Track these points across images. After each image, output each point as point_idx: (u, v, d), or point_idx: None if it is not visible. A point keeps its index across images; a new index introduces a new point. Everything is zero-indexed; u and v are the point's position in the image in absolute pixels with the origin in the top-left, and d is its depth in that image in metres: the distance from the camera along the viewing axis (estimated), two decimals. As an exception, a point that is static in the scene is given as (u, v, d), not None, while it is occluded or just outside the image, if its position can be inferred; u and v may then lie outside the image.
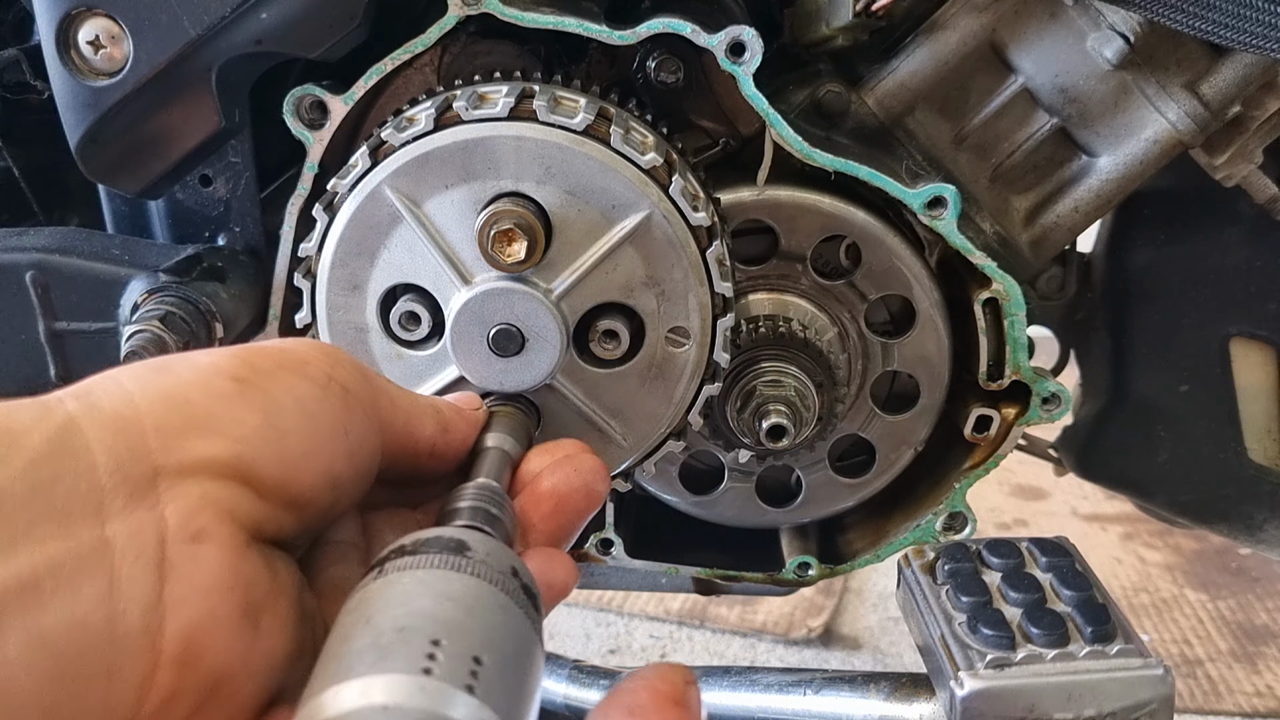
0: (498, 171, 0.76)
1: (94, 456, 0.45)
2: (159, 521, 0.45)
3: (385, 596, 0.47)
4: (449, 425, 0.63)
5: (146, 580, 0.44)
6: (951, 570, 0.82)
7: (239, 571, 0.47)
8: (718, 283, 0.80)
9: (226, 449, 0.48)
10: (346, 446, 0.54)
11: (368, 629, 0.45)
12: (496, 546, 0.53)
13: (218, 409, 0.49)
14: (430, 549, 0.50)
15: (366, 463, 0.56)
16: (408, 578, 0.48)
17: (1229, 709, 1.70)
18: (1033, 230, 0.97)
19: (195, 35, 0.82)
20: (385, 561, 0.50)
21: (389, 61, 0.85)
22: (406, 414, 0.60)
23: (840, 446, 1.01)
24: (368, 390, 0.57)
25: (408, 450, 0.60)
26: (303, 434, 0.51)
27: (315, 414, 0.52)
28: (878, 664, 1.86)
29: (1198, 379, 1.10)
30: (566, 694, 1.17)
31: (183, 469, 0.47)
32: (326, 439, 0.53)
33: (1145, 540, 2.19)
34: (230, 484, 0.48)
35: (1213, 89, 0.90)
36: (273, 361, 0.53)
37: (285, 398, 0.52)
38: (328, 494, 0.53)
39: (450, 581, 0.48)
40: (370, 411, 0.56)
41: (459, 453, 0.65)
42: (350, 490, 0.55)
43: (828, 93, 0.92)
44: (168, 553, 0.45)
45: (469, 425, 0.66)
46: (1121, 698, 0.74)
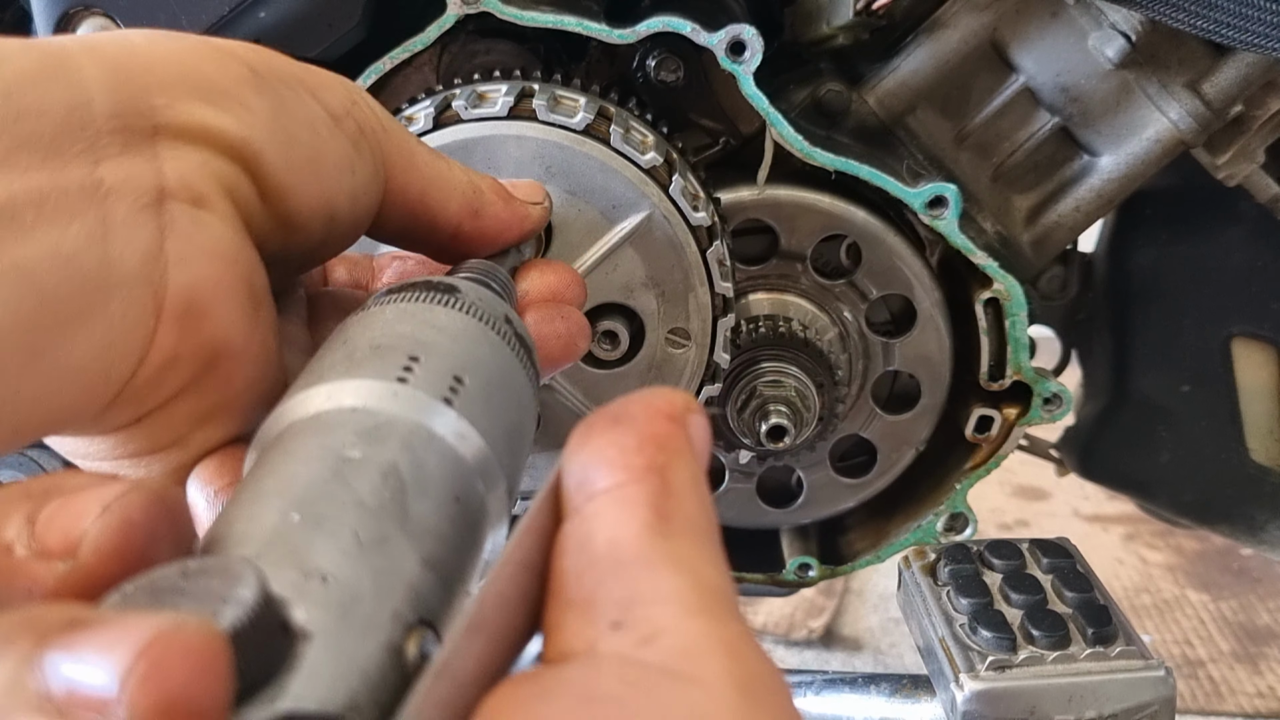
0: (497, 171, 0.76)
1: (90, 94, 0.40)
2: (158, 175, 0.41)
3: (365, 322, 0.44)
4: (484, 210, 0.55)
5: (146, 228, 0.40)
6: (952, 571, 0.82)
7: (240, 247, 0.43)
8: (718, 283, 0.79)
9: (234, 127, 0.43)
10: (350, 185, 0.49)
11: (343, 348, 0.42)
12: (490, 297, 0.48)
13: (229, 86, 0.44)
14: (418, 289, 0.46)
15: (365, 212, 0.51)
16: (390, 308, 0.45)
17: (1230, 710, 1.70)
18: (1034, 230, 0.97)
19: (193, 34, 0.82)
20: (370, 302, 0.47)
21: (387, 60, 0.84)
22: (426, 182, 0.53)
23: (841, 447, 1.01)
24: (384, 140, 0.51)
25: (422, 222, 0.54)
26: (309, 149, 0.47)
27: (324, 140, 0.47)
28: (879, 665, 1.86)
29: (1199, 379, 1.10)
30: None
31: (185, 132, 0.42)
32: (331, 167, 0.48)
33: (1147, 541, 2.18)
34: (233, 165, 0.43)
35: (1214, 88, 0.90)
36: (293, 71, 0.48)
37: (298, 108, 0.47)
38: (320, 226, 0.48)
39: (436, 313, 0.44)
40: (379, 161, 0.51)
41: (494, 240, 0.56)
42: (341, 235, 0.50)
43: (828, 92, 0.92)
44: (168, 208, 0.41)
45: (513, 215, 0.57)
46: (1123, 699, 0.73)
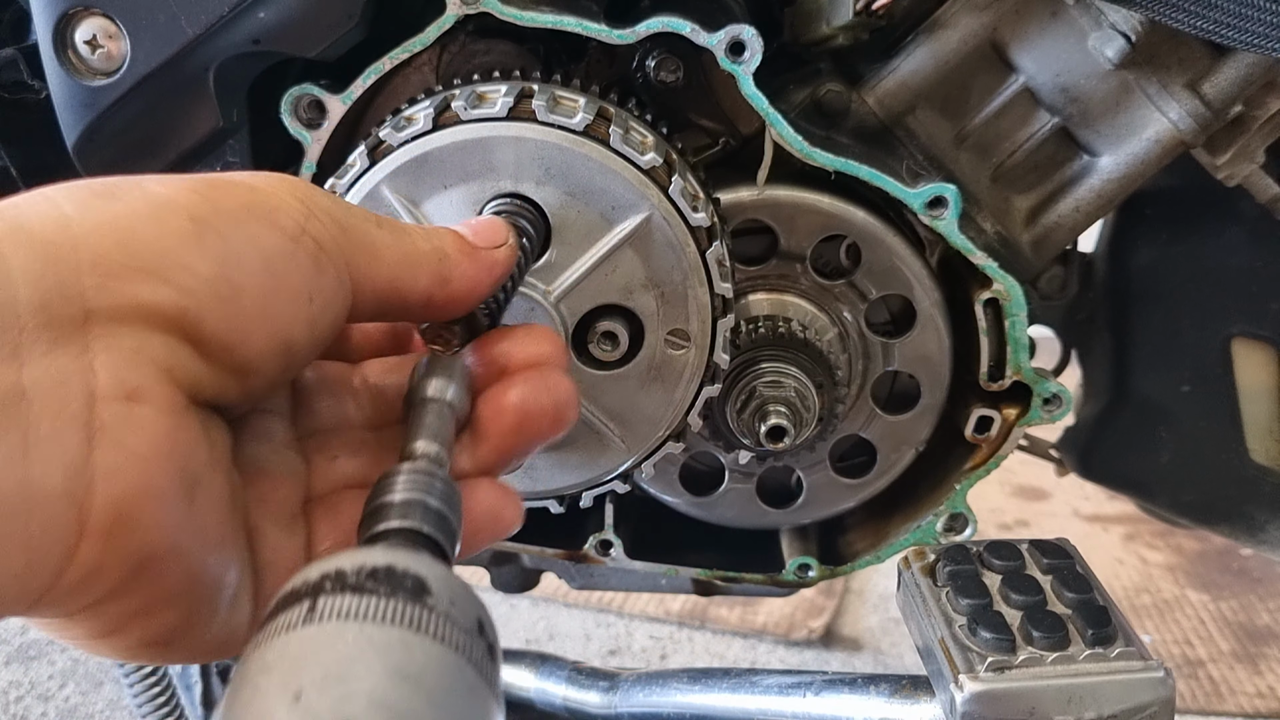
0: (496, 172, 0.76)
1: (14, 288, 0.39)
2: (87, 373, 0.39)
3: (321, 660, 0.36)
4: (451, 275, 0.55)
5: (71, 440, 0.39)
6: (952, 572, 0.82)
7: (176, 438, 0.42)
8: (717, 284, 0.79)
9: (172, 299, 0.42)
10: (308, 313, 0.47)
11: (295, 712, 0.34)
12: (459, 587, 0.41)
13: (169, 249, 0.43)
14: (380, 587, 0.39)
15: (327, 329, 0.49)
16: (351, 632, 0.37)
17: (1230, 710, 1.70)
18: (1034, 230, 0.97)
19: (193, 35, 0.82)
20: (318, 593, 0.38)
21: (387, 61, 0.84)
22: (391, 269, 0.52)
23: (841, 447, 1.01)
24: (345, 245, 0.50)
25: (393, 304, 0.53)
26: (261, 293, 0.45)
27: (278, 272, 0.46)
28: (878, 665, 1.86)
29: (1199, 379, 1.10)
30: (566, 695, 1.16)
31: (119, 314, 0.41)
32: (287, 302, 0.46)
33: (1147, 541, 2.18)
34: (171, 339, 0.42)
35: (1214, 88, 0.90)
36: (239, 203, 0.47)
37: (247, 249, 0.45)
38: (278, 362, 0.47)
39: (408, 649, 0.37)
40: (343, 272, 0.49)
41: (466, 299, 0.56)
42: (303, 359, 0.49)
43: (828, 92, 0.92)
44: (98, 411, 0.39)
45: (480, 269, 0.57)
46: (1122, 700, 0.73)
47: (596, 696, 1.12)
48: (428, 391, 0.55)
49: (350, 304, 0.50)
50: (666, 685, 1.04)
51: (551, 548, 1.01)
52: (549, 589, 1.80)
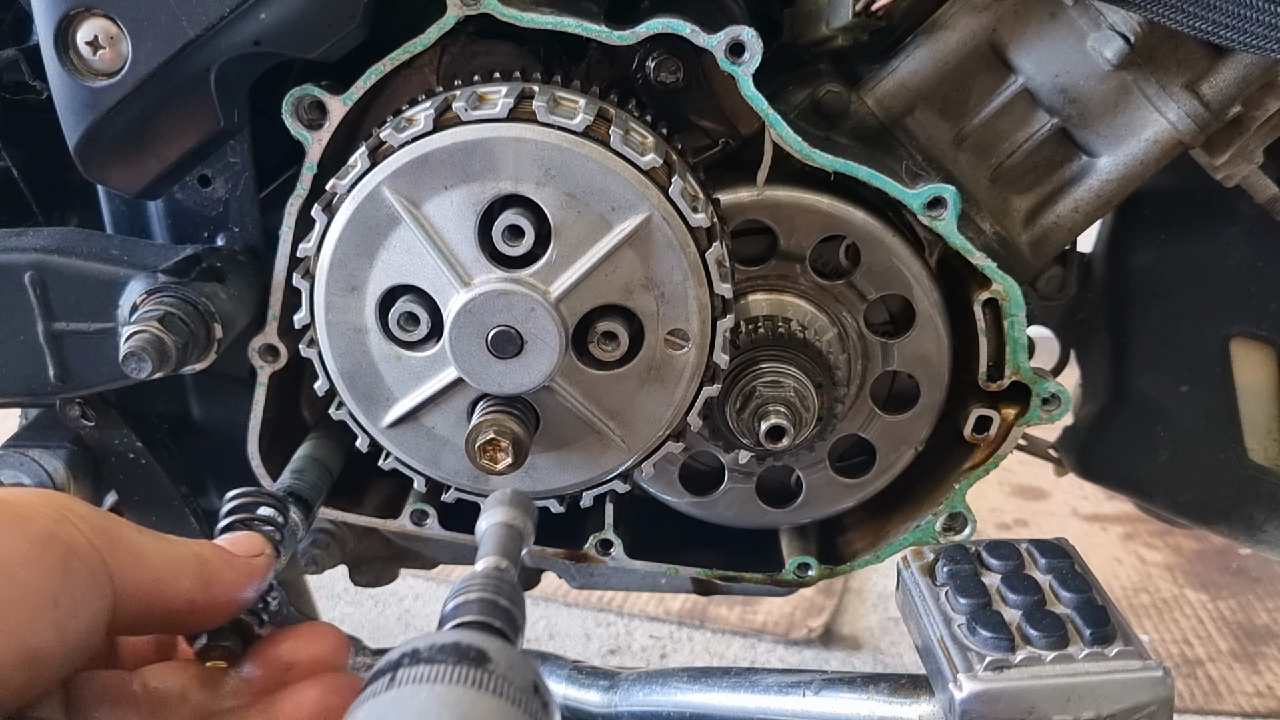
0: (497, 173, 0.76)
1: None
2: None
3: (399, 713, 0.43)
4: (213, 579, 0.57)
5: None
6: (951, 572, 0.82)
7: None
8: (717, 284, 0.79)
9: None
10: (53, 618, 0.47)
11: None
12: (517, 657, 0.48)
13: None
14: (448, 658, 0.46)
15: (82, 632, 0.50)
16: (425, 693, 0.44)
17: (1229, 709, 1.70)
18: (1033, 230, 0.97)
19: (194, 35, 0.82)
20: (397, 668, 0.46)
21: (388, 62, 0.84)
22: (154, 571, 0.54)
23: (840, 447, 1.01)
24: (103, 546, 0.51)
25: (159, 608, 0.54)
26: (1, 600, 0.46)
27: (19, 581, 0.46)
28: (878, 665, 1.86)
29: (1198, 379, 1.10)
30: (566, 694, 1.16)
31: None
32: (28, 611, 0.46)
33: (1145, 540, 2.18)
34: None
35: (1213, 89, 0.90)
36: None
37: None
38: (20, 673, 0.46)
39: (473, 703, 0.44)
40: (98, 573, 0.50)
41: (228, 606, 0.58)
42: (56, 666, 0.49)
43: (827, 93, 0.92)
44: None
45: (240, 575, 0.59)
46: (1121, 699, 0.73)
47: (597, 695, 1.12)
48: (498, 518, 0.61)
49: (110, 606, 0.51)
50: (666, 684, 1.04)
51: (552, 547, 1.01)
52: (549, 588, 1.80)
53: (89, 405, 1.01)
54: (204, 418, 1.05)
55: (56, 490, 0.53)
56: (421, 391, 0.82)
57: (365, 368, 0.82)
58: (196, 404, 1.04)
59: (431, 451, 0.85)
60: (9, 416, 1.12)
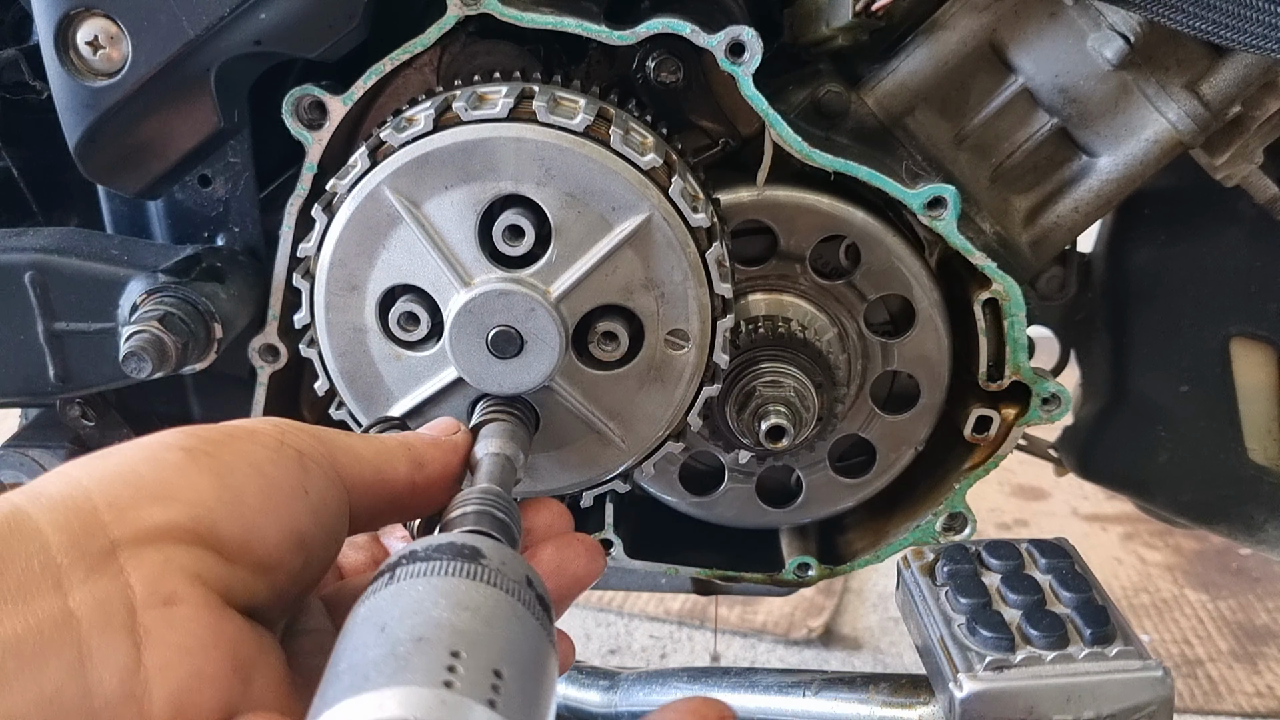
0: (497, 173, 0.76)
1: (45, 537, 0.45)
2: (125, 589, 0.45)
3: (400, 603, 0.46)
4: (423, 459, 0.62)
5: (121, 647, 0.43)
6: (951, 571, 0.82)
7: (220, 630, 0.46)
8: (717, 284, 0.79)
9: (183, 513, 0.48)
10: (308, 505, 0.53)
11: (383, 637, 0.44)
12: (510, 554, 0.51)
13: (169, 477, 0.49)
14: (443, 555, 0.49)
15: (333, 520, 0.55)
16: (422, 585, 0.47)
17: (1229, 709, 1.70)
18: (1033, 230, 0.97)
19: (194, 35, 0.82)
20: (396, 567, 0.49)
21: (388, 62, 0.84)
22: (373, 463, 0.59)
23: (840, 447, 1.01)
24: (323, 450, 0.56)
25: (385, 496, 0.60)
26: (260, 493, 0.51)
27: (270, 475, 0.52)
28: (878, 664, 1.86)
29: (1198, 379, 1.10)
30: (566, 693, 1.16)
31: (141, 537, 0.46)
32: (286, 498, 0.52)
33: (1146, 540, 2.18)
34: (193, 549, 0.47)
35: (1213, 89, 0.90)
36: (221, 432, 0.53)
37: (237, 461, 0.51)
38: (296, 554, 0.52)
39: (467, 590, 0.47)
40: (329, 469, 0.56)
41: (444, 481, 0.64)
42: (320, 550, 0.54)
43: (827, 93, 0.92)
44: (140, 619, 0.44)
45: (447, 452, 0.65)
46: (1121, 699, 0.73)
47: (597, 695, 1.12)
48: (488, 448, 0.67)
49: (347, 498, 0.57)
50: (666, 684, 1.05)
51: (552, 547, 1.01)
52: (549, 588, 1.80)
53: (89, 405, 1.01)
54: (204, 418, 1.05)
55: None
56: (421, 391, 0.82)
57: (365, 367, 0.82)
58: (196, 404, 1.04)
59: (431, 451, 0.86)
60: (9, 416, 1.12)
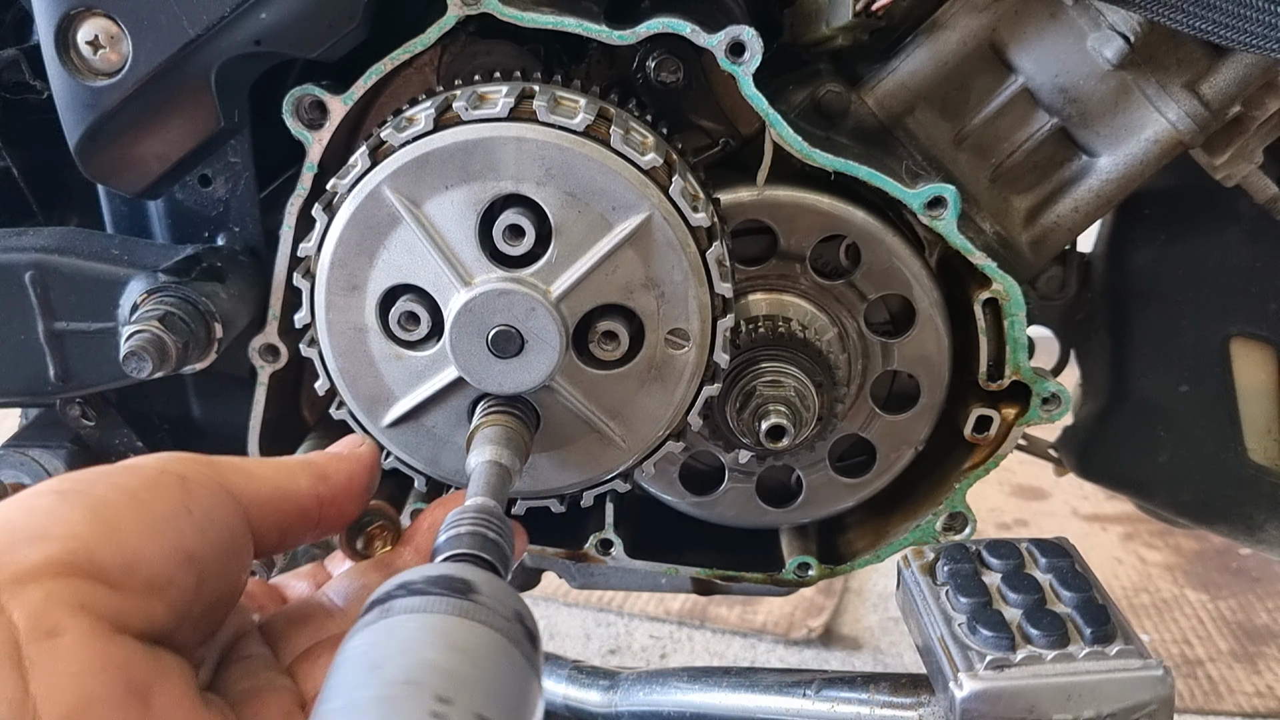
0: (497, 173, 0.76)
1: None
2: (8, 627, 0.46)
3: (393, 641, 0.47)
4: (325, 471, 0.63)
5: (7, 680, 0.45)
6: (951, 571, 0.82)
7: (108, 654, 0.47)
8: (717, 283, 0.79)
9: (59, 549, 0.49)
10: (193, 523, 0.54)
11: (374, 677, 0.45)
12: (501, 588, 0.53)
13: (40, 520, 0.50)
14: (437, 589, 0.50)
15: (226, 536, 0.56)
16: (414, 623, 0.48)
17: (1229, 709, 1.70)
18: (1033, 230, 0.97)
19: (194, 35, 0.82)
20: (390, 599, 0.50)
21: (388, 61, 0.84)
22: (270, 479, 0.60)
23: (840, 446, 1.01)
24: (210, 471, 0.57)
25: (290, 511, 0.61)
26: (137, 519, 0.52)
27: (146, 500, 0.53)
28: (878, 664, 1.86)
29: (1198, 379, 1.10)
30: (566, 694, 1.16)
31: (20, 577, 0.47)
32: (164, 518, 0.53)
33: (1146, 540, 2.18)
34: (74, 580, 0.48)
35: (1213, 89, 0.90)
36: (97, 472, 0.54)
37: (110, 493, 0.52)
38: (186, 571, 0.53)
39: (459, 630, 0.48)
40: (215, 488, 0.56)
41: (351, 492, 0.65)
42: (216, 566, 0.55)
43: (828, 93, 0.92)
44: (25, 652, 0.46)
45: (351, 463, 0.66)
46: (1121, 699, 0.73)
47: (597, 695, 1.12)
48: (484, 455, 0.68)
49: (242, 514, 0.57)
50: (666, 684, 1.05)
51: (552, 547, 1.01)
52: (549, 588, 1.80)
53: (89, 405, 1.01)
54: (204, 418, 1.05)
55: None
56: (422, 391, 0.82)
57: (365, 367, 0.82)
58: (196, 404, 1.04)
59: (432, 451, 0.85)
60: (9, 416, 1.12)
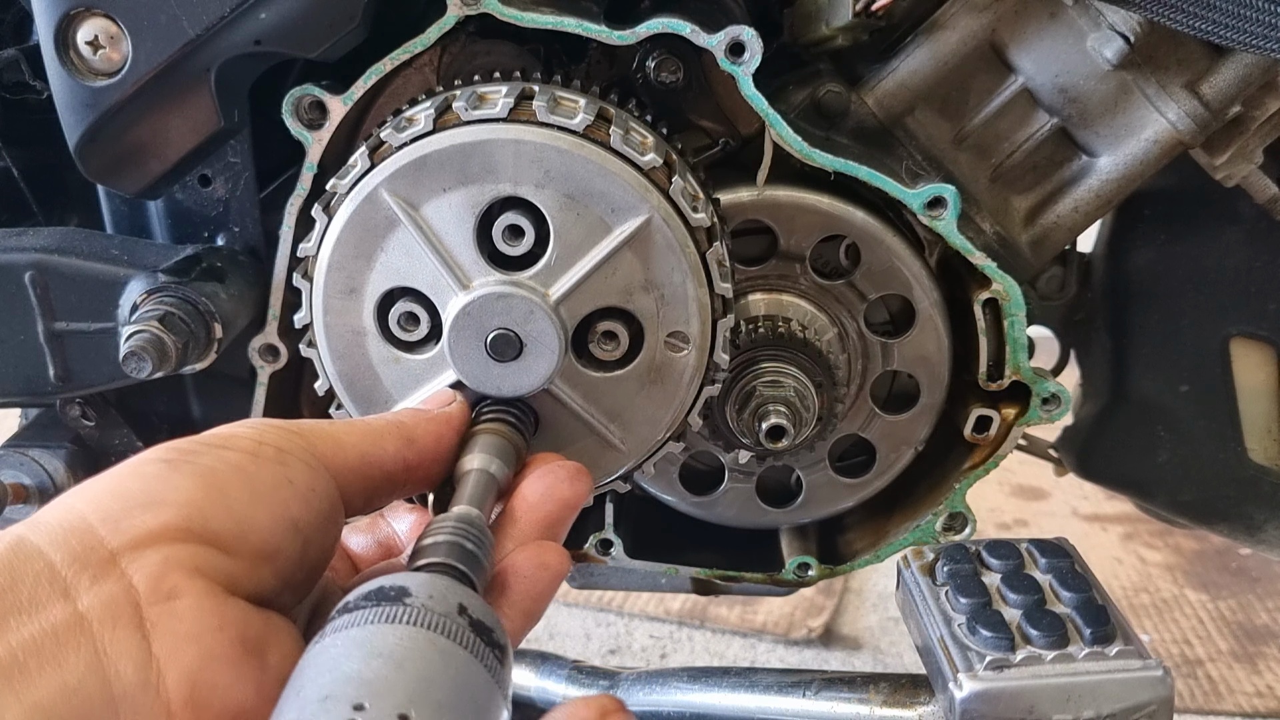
0: (496, 175, 0.76)
1: (47, 556, 0.48)
2: (128, 590, 0.48)
3: (317, 663, 0.48)
4: (413, 434, 0.64)
5: (131, 641, 0.47)
6: (951, 571, 0.82)
7: (224, 614, 0.49)
8: (718, 284, 0.79)
9: (174, 515, 0.51)
10: (295, 492, 0.56)
11: (296, 702, 0.46)
12: (443, 586, 0.52)
13: (153, 486, 0.52)
14: (368, 603, 0.50)
15: (325, 505, 0.58)
16: (341, 640, 0.48)
17: (1229, 709, 1.70)
18: (1033, 230, 0.97)
19: (194, 35, 0.82)
20: (328, 623, 0.51)
21: (388, 61, 0.84)
22: (358, 446, 0.61)
23: (840, 446, 1.01)
24: (302, 441, 0.59)
25: (378, 477, 0.62)
26: (244, 488, 0.54)
27: (251, 471, 0.55)
28: (878, 664, 1.86)
29: (1198, 379, 1.10)
30: (566, 694, 1.17)
31: (137, 542, 0.50)
32: (270, 488, 0.55)
33: (1146, 540, 2.18)
34: (189, 545, 0.50)
35: (1213, 89, 0.90)
36: (196, 441, 0.57)
37: (216, 463, 0.55)
38: (293, 539, 0.55)
39: (382, 636, 0.48)
40: (309, 458, 0.58)
41: (438, 454, 0.66)
42: (318, 534, 0.57)
43: (827, 93, 0.92)
44: (145, 614, 0.48)
45: (440, 424, 0.67)
46: (1121, 699, 0.73)
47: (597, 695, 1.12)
48: (472, 464, 0.66)
49: (334, 485, 0.59)
50: (666, 684, 1.05)
51: (552, 547, 1.01)
52: (549, 588, 1.80)
53: (89, 405, 1.01)
54: (204, 418, 1.05)
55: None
56: (420, 394, 0.82)
57: (363, 370, 0.82)
58: (196, 404, 1.04)
59: (431, 451, 0.85)
60: (9, 416, 1.12)
